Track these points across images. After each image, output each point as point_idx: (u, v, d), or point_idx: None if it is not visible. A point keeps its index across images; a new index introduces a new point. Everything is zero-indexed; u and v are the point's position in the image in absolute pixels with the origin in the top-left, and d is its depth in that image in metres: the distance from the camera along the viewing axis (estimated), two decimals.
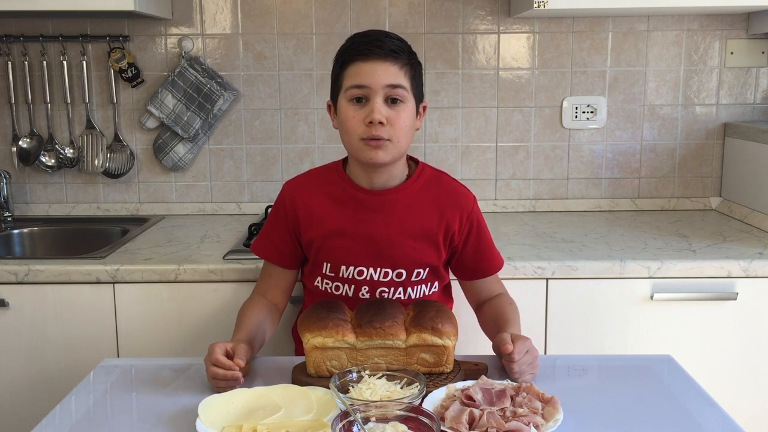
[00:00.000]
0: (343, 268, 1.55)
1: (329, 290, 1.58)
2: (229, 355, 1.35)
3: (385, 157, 1.48)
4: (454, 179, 1.63)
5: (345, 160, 1.61)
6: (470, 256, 1.61)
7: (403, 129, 1.47)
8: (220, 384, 1.32)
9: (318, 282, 1.59)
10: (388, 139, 1.46)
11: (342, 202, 1.56)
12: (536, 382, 1.32)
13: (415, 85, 1.50)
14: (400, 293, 1.57)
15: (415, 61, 1.52)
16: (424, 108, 1.57)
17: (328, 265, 1.57)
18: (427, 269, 1.57)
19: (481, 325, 1.63)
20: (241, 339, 1.43)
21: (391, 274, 1.55)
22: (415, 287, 1.58)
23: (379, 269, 1.55)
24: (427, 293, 1.60)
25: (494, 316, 1.56)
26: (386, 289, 1.56)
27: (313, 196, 1.57)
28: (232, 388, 1.31)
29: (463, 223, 1.58)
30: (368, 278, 1.55)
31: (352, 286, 1.56)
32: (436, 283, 1.61)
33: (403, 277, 1.55)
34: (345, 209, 1.55)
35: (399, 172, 1.56)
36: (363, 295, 1.56)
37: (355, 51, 1.48)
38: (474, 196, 1.62)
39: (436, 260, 1.57)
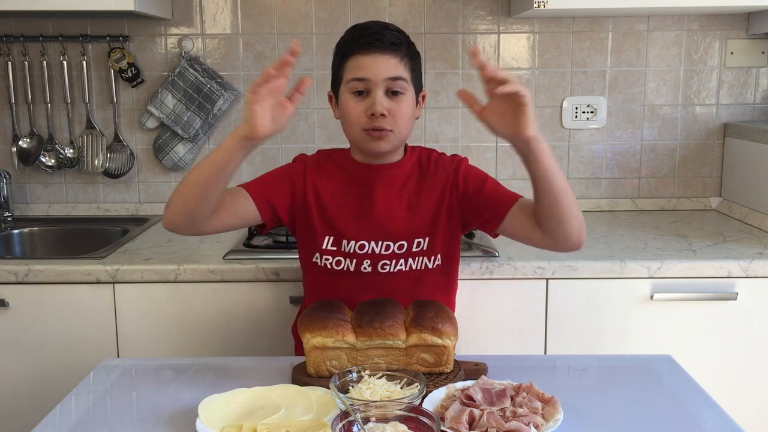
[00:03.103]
0: (345, 242, 1.56)
1: (330, 266, 1.58)
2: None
3: (387, 147, 1.52)
4: (443, 152, 1.65)
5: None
6: (484, 202, 1.56)
7: (404, 119, 1.50)
8: (270, 82, 1.27)
9: (317, 258, 1.59)
10: (390, 130, 1.49)
11: (344, 178, 1.58)
12: (536, 383, 1.32)
13: (414, 75, 1.53)
14: (401, 265, 1.57)
15: (414, 51, 1.55)
16: (423, 97, 1.59)
17: (330, 239, 1.57)
18: (427, 239, 1.57)
19: (537, 211, 1.45)
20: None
21: (393, 247, 1.56)
22: (416, 258, 1.58)
23: (380, 242, 1.56)
24: (430, 267, 1.59)
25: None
26: (388, 262, 1.56)
27: (322, 178, 1.59)
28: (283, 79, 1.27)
29: (458, 182, 1.58)
30: (370, 252, 1.56)
31: (354, 261, 1.57)
32: (439, 257, 1.60)
33: (405, 248, 1.56)
34: (347, 186, 1.58)
35: (397, 157, 1.59)
36: (365, 269, 1.56)
37: (356, 43, 1.50)
38: (463, 157, 1.62)
39: (435, 228, 1.57)
